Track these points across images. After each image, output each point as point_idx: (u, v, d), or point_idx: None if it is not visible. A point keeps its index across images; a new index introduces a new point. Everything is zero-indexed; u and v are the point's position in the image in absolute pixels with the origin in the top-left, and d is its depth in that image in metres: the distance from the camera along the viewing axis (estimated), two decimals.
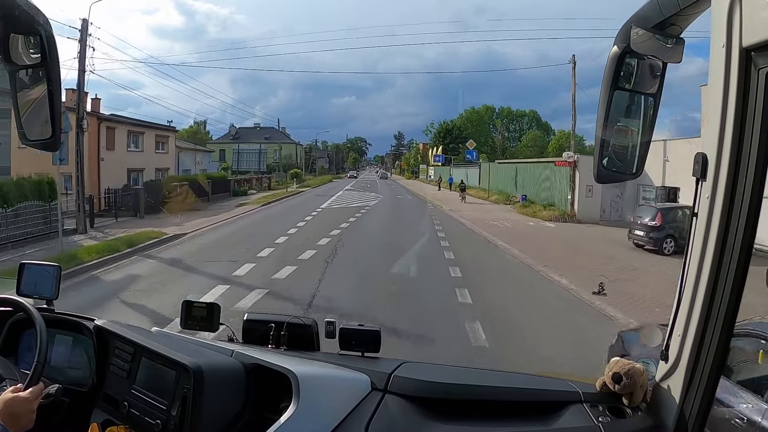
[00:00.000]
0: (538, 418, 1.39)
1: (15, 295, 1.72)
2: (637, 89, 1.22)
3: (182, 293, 6.98)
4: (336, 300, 7.49)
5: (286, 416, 1.24)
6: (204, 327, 1.82)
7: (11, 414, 1.23)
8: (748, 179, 1.00)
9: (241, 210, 21.45)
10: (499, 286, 8.98)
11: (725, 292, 1.08)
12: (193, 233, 14.70)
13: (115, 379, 1.55)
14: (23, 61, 1.15)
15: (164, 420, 1.36)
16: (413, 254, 11.16)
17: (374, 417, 1.33)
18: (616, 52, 1.18)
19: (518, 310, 7.37)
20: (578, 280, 8.91)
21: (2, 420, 1.20)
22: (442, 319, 6.80)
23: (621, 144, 1.25)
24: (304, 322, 1.80)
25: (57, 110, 1.18)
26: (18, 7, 1.08)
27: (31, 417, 1.26)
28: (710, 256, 1.08)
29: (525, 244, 13.03)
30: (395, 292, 8.02)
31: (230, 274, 9.10)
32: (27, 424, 1.25)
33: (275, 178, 43.17)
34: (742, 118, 0.99)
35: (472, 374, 1.84)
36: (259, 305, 7.08)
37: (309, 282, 8.44)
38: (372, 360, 1.64)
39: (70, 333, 1.69)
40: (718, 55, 1.01)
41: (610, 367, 1.38)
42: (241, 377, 1.42)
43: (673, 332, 1.21)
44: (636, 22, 1.14)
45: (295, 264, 9.94)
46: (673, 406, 1.24)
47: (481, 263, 11.01)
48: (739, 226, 1.03)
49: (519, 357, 5.46)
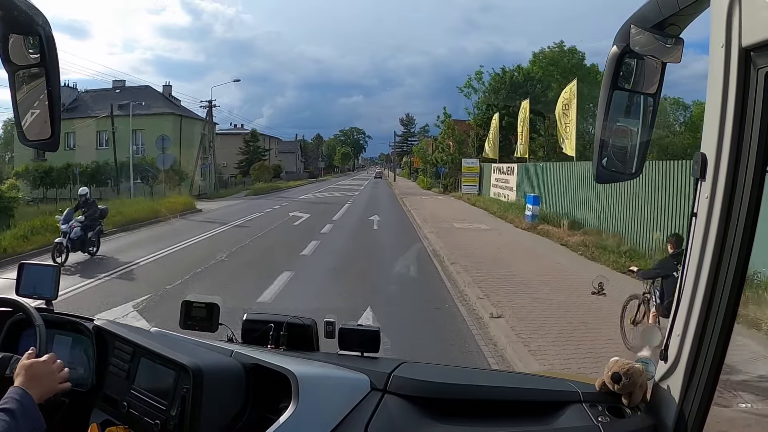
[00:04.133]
0: (538, 418, 1.39)
1: (14, 295, 1.73)
2: (636, 89, 1.22)
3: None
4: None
5: (286, 416, 1.24)
6: (203, 327, 1.82)
7: (33, 376, 1.22)
8: (747, 179, 1.00)
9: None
10: None
11: (725, 292, 1.08)
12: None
13: (115, 379, 1.55)
14: (22, 61, 1.16)
15: (164, 420, 1.37)
16: None
17: (374, 417, 1.33)
18: (615, 52, 1.19)
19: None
20: None
21: (25, 384, 1.19)
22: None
23: (620, 144, 1.25)
24: (304, 322, 1.80)
25: (56, 110, 1.18)
26: (17, 7, 1.08)
27: (53, 377, 1.25)
28: (710, 256, 1.08)
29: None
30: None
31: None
32: (49, 386, 1.24)
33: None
34: (741, 118, 0.99)
35: (472, 374, 1.84)
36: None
37: None
38: (371, 360, 1.64)
39: (69, 333, 1.69)
40: (717, 55, 1.01)
41: (610, 366, 1.38)
42: (240, 377, 1.42)
43: (673, 332, 1.21)
44: (635, 22, 1.14)
45: None
46: (672, 405, 1.24)
47: None
48: (738, 226, 1.03)
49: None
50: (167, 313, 6.01)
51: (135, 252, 11.24)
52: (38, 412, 1.16)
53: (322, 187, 42.87)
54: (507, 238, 13.75)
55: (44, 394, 1.23)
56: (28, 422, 1.12)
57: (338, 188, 40.40)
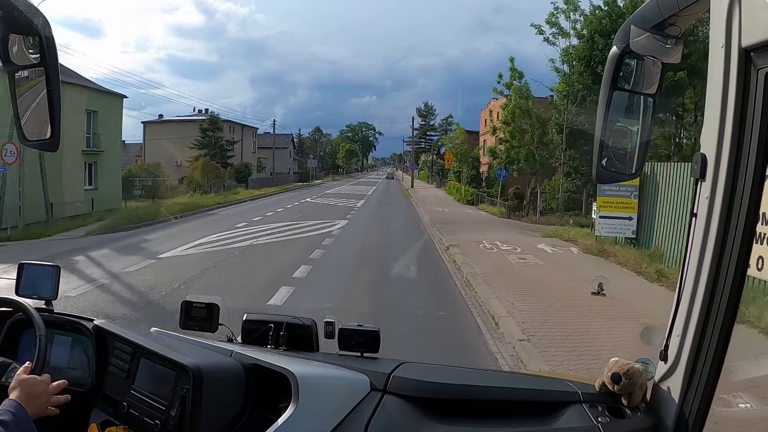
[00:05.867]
0: (537, 418, 1.39)
1: (14, 295, 1.73)
2: (636, 89, 1.22)
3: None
4: None
5: (285, 416, 1.24)
6: (203, 327, 1.82)
7: (33, 394, 1.25)
8: (747, 179, 1.00)
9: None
10: None
11: (724, 292, 1.08)
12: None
13: (115, 379, 1.55)
14: (22, 61, 1.16)
15: (163, 420, 1.37)
16: None
17: (373, 417, 1.33)
18: (615, 52, 1.19)
19: None
20: None
21: (21, 399, 1.22)
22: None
23: (620, 144, 1.25)
24: (303, 323, 1.79)
25: (56, 110, 1.18)
26: (16, 8, 1.08)
27: (47, 398, 1.29)
28: (709, 256, 1.08)
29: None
30: None
31: None
32: (43, 408, 1.27)
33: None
34: (741, 119, 0.99)
35: (472, 374, 1.84)
36: None
37: None
38: (371, 360, 1.64)
39: (69, 333, 1.69)
40: (717, 55, 1.01)
41: (609, 367, 1.38)
42: (240, 377, 1.42)
43: (673, 332, 1.21)
44: (635, 22, 1.14)
45: None
46: (672, 406, 1.24)
47: None
48: (738, 227, 1.03)
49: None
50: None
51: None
52: (32, 426, 1.19)
53: (293, 200, 25.67)
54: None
55: (38, 413, 1.26)
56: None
57: (318, 206, 23.29)
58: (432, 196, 28.87)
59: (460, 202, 26.35)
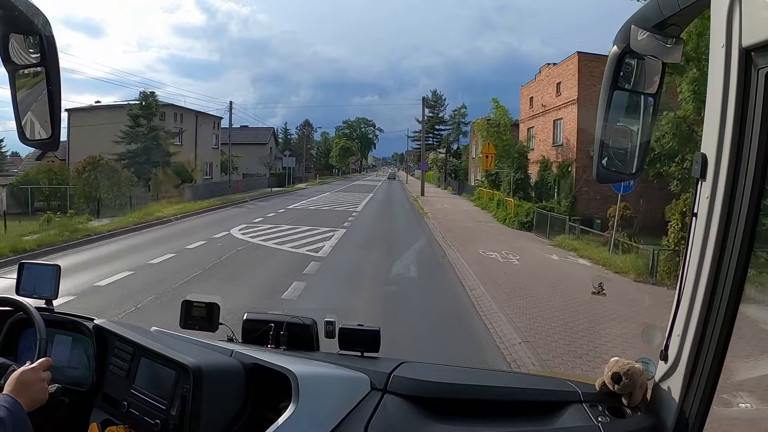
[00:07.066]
0: (538, 417, 1.39)
1: (15, 294, 1.73)
2: (636, 89, 1.22)
3: None
4: None
5: (286, 416, 1.24)
6: (203, 327, 1.82)
7: (22, 383, 1.23)
8: (747, 179, 1.00)
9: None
10: None
11: (725, 292, 1.08)
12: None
13: (115, 378, 1.55)
14: (23, 60, 1.16)
15: (164, 420, 1.36)
16: None
17: (373, 417, 1.33)
18: (615, 52, 1.19)
19: None
20: None
21: (13, 392, 1.21)
22: None
23: (621, 144, 1.25)
24: (304, 322, 1.79)
25: (57, 110, 1.18)
26: (17, 7, 1.08)
27: (41, 386, 1.27)
28: (710, 256, 1.08)
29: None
30: None
31: None
32: (38, 394, 1.26)
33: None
34: (741, 119, 0.99)
35: (472, 374, 1.84)
36: None
37: None
38: (371, 360, 1.64)
39: (69, 333, 1.69)
40: (717, 55, 1.01)
41: (610, 366, 1.38)
42: (240, 377, 1.42)
43: (673, 332, 1.21)
44: (636, 22, 1.14)
45: None
46: (672, 406, 1.24)
47: None
48: (738, 226, 1.03)
49: None
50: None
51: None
52: (27, 420, 1.17)
53: (172, 242, 12.03)
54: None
55: (34, 402, 1.24)
56: (17, 430, 1.13)
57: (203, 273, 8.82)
58: (458, 213, 18.52)
59: (507, 225, 16.22)
